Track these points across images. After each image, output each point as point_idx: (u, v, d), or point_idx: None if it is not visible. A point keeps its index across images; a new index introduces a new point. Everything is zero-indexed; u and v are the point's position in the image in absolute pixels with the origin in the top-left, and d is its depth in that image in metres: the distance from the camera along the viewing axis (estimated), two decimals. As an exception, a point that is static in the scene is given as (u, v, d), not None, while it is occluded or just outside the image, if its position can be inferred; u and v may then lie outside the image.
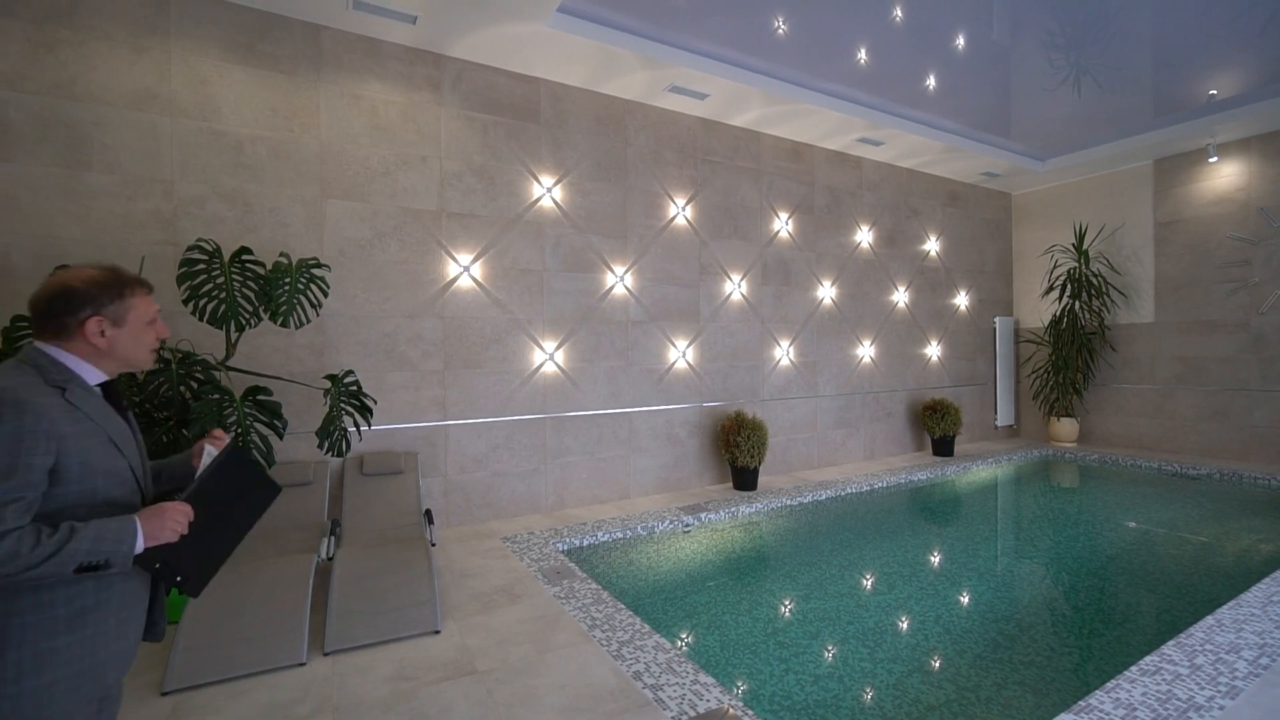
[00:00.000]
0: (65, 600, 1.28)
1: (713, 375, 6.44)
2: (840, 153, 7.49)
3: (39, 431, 1.23)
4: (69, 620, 1.28)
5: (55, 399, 1.30)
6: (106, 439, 1.37)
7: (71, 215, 3.75)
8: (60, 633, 1.27)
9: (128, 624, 1.40)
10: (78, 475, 1.29)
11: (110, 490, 1.35)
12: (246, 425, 3.44)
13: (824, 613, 3.75)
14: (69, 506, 1.29)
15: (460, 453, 5.02)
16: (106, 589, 1.34)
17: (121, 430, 1.43)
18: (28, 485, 1.21)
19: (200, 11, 4.07)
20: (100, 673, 1.34)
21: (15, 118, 3.61)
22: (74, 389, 1.35)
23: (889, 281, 8.03)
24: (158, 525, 1.32)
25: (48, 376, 1.32)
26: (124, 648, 1.40)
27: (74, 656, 1.28)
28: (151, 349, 1.50)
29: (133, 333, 1.44)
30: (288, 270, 3.74)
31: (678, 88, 5.64)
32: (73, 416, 1.31)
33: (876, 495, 6.45)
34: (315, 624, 3.16)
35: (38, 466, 1.23)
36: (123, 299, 1.42)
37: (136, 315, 1.44)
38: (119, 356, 1.44)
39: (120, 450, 1.39)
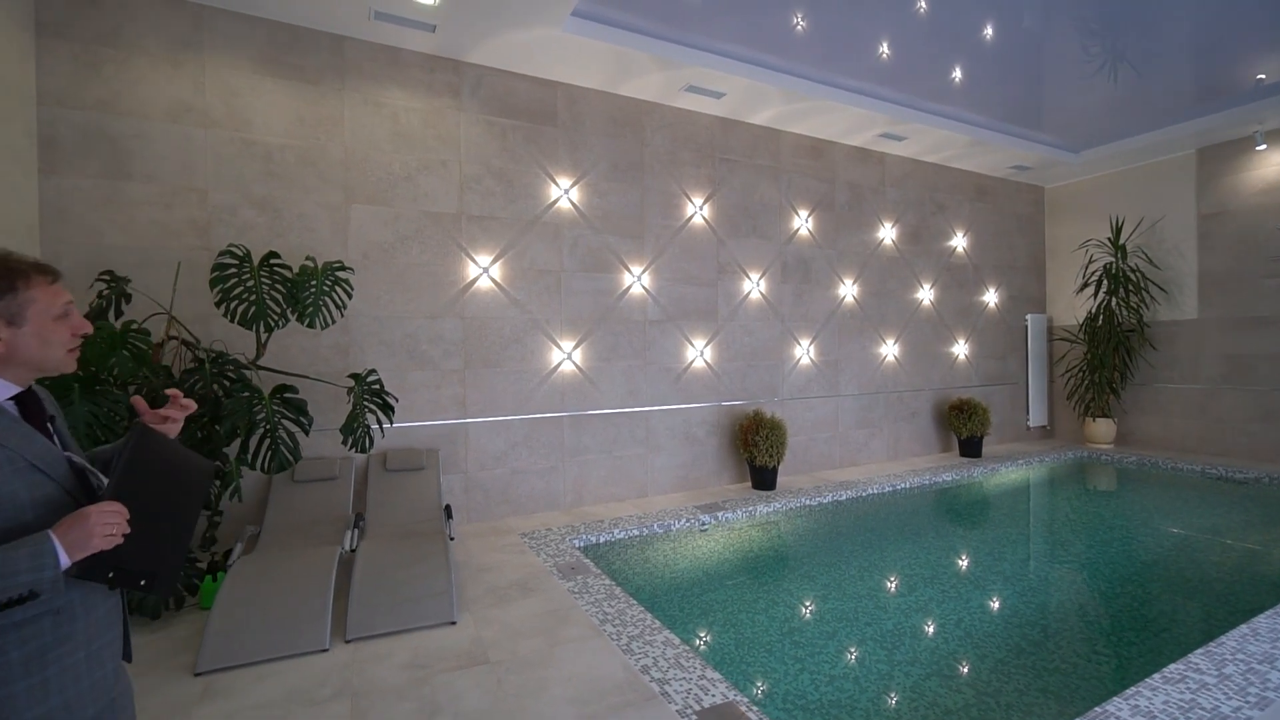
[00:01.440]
0: (18, 643, 1.12)
1: (731, 374, 6.43)
2: (862, 149, 7.39)
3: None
4: (25, 663, 1.12)
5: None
6: (26, 464, 1.16)
7: (115, 224, 3.97)
8: (17, 678, 1.11)
9: (101, 654, 1.25)
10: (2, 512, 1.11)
11: (46, 520, 1.15)
12: (275, 421, 3.59)
13: (842, 614, 3.72)
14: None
15: (480, 450, 5.13)
16: (67, 623, 1.18)
17: (44, 450, 1.20)
18: None
19: (231, 27, 4.27)
20: (76, 708, 1.19)
21: (64, 133, 3.84)
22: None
23: (913, 279, 7.89)
24: (82, 534, 1.11)
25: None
26: (100, 678, 1.25)
27: (35, 700, 1.13)
28: (68, 348, 1.27)
29: (36, 330, 1.20)
30: (314, 273, 3.89)
31: (694, 87, 5.65)
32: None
33: (899, 496, 6.35)
34: (338, 612, 3.28)
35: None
36: (14, 292, 1.19)
37: (38, 310, 1.21)
38: (25, 361, 1.21)
39: (47, 474, 1.19)
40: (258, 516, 4.17)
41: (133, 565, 1.21)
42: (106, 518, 1.14)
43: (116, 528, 1.15)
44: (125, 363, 3.19)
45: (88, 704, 1.22)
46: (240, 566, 3.40)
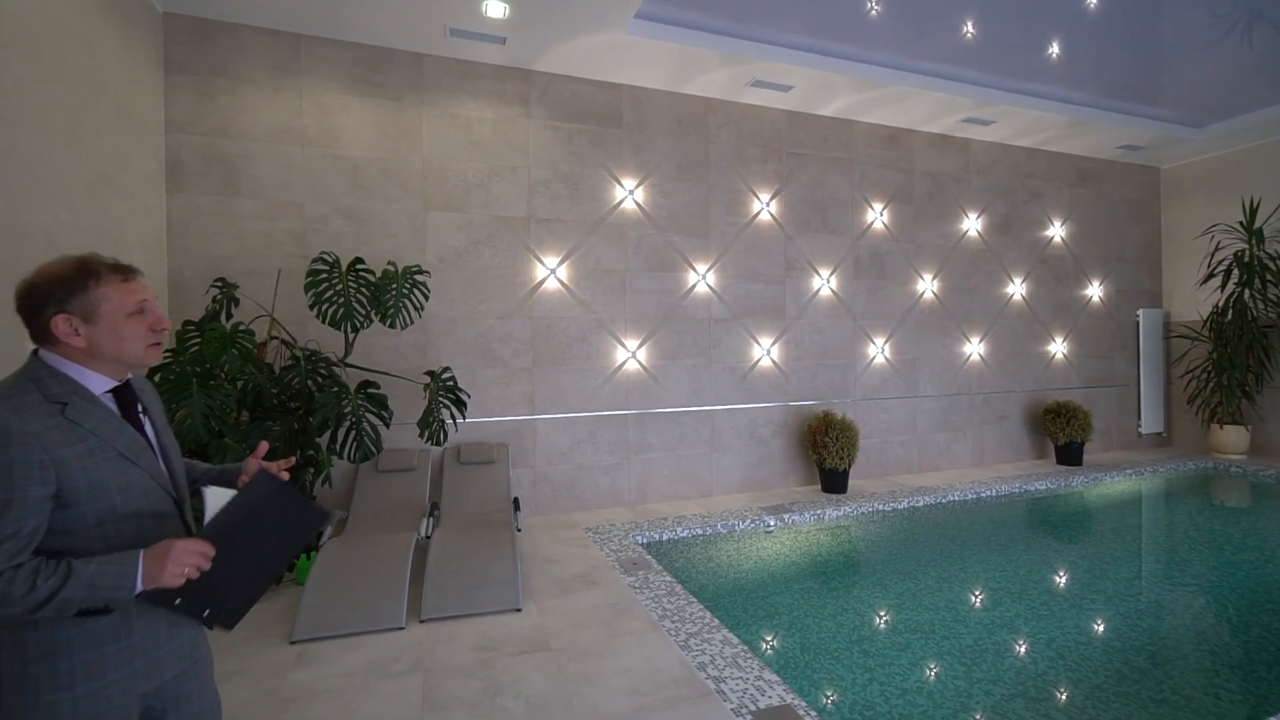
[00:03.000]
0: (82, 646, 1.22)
1: (799, 374, 6.25)
2: (943, 135, 6.98)
3: (31, 461, 1.13)
4: (114, 628, 1.24)
5: (53, 420, 1.18)
6: (115, 454, 1.24)
7: (227, 236, 4.43)
8: (108, 641, 1.23)
9: (181, 623, 1.36)
10: (88, 495, 1.20)
11: (131, 504, 1.25)
12: (360, 414, 3.87)
13: (917, 625, 3.53)
14: (90, 526, 1.21)
15: (547, 446, 5.28)
16: (129, 618, 1.27)
17: (133, 441, 1.29)
18: (24, 519, 1.12)
19: (324, 52, 4.65)
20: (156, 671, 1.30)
21: (186, 157, 4.33)
22: (75, 403, 1.22)
23: (1002, 272, 7.35)
24: (158, 569, 1.17)
25: (48, 391, 1.21)
26: (178, 646, 1.35)
27: (122, 660, 1.24)
28: (147, 343, 1.30)
29: (110, 326, 1.25)
30: (395, 277, 4.17)
31: (760, 82, 5.56)
32: (73, 436, 1.20)
33: (984, 504, 5.93)
34: (413, 594, 3.48)
35: (34, 498, 1.13)
36: (87, 290, 1.23)
37: (110, 307, 1.25)
38: (106, 356, 1.26)
39: (134, 462, 1.27)
40: (346, 502, 4.50)
41: (202, 600, 1.27)
42: (186, 556, 1.19)
43: (190, 568, 1.20)
44: (234, 360, 3.55)
45: (166, 668, 1.32)
46: (330, 548, 3.68)
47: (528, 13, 4.35)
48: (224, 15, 4.35)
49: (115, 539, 1.24)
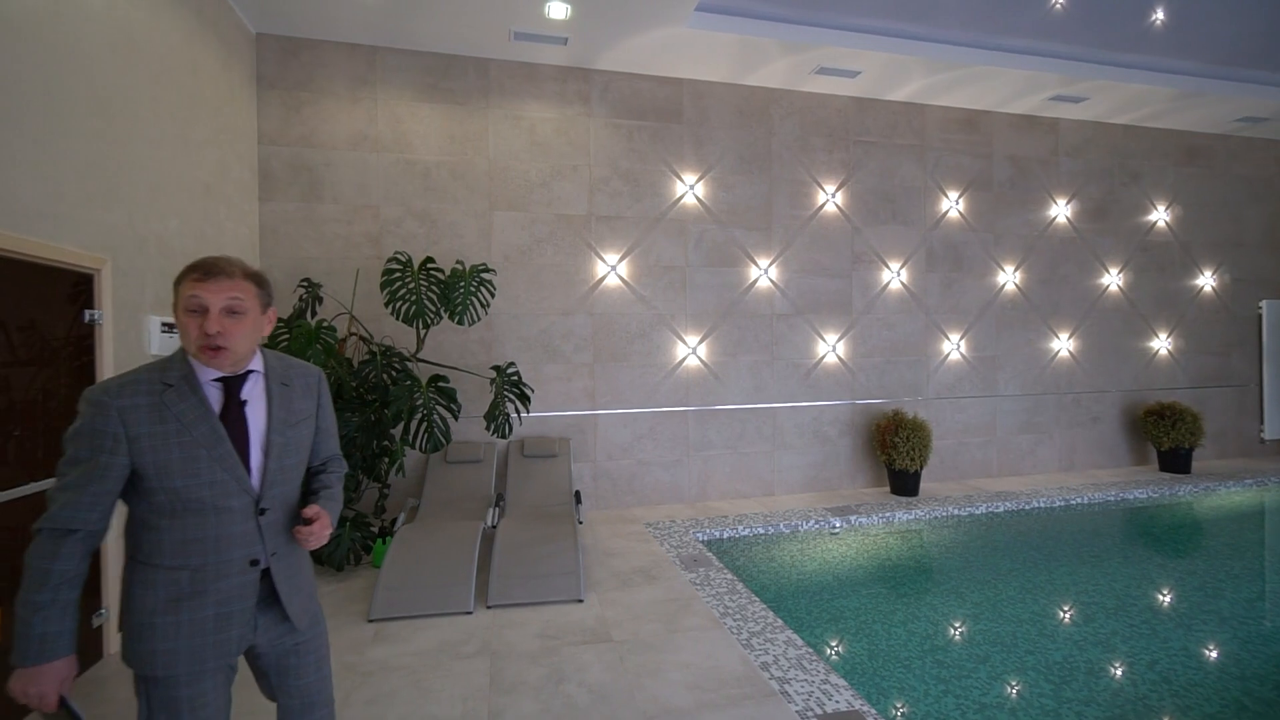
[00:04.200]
0: (167, 583, 1.32)
1: (867, 371, 6.01)
2: (1028, 116, 6.51)
3: (106, 430, 1.26)
4: (168, 602, 1.32)
5: (150, 399, 1.30)
6: (189, 440, 1.31)
7: (311, 239, 4.73)
8: (160, 611, 1.32)
9: (230, 618, 1.37)
10: (154, 473, 1.29)
11: (192, 491, 1.31)
12: (430, 407, 4.04)
13: (996, 637, 3.31)
14: (160, 504, 1.32)
15: (608, 441, 5.33)
16: (201, 582, 1.34)
17: (210, 432, 1.34)
18: (92, 478, 1.26)
19: (397, 62, 4.88)
20: (198, 657, 1.34)
21: (275, 167, 4.66)
22: (178, 387, 1.33)
23: (1095, 262, 6.78)
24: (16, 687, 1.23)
25: (166, 375, 1.34)
26: (223, 639, 1.37)
27: (168, 635, 1.32)
28: (197, 343, 1.33)
29: (179, 321, 1.34)
30: (462, 275, 4.32)
31: (825, 69, 5.38)
32: (158, 416, 1.30)
33: (1075, 513, 5.49)
34: (480, 581, 3.60)
35: (102, 463, 1.26)
36: (177, 287, 1.35)
37: (180, 303, 1.34)
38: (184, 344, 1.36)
39: (206, 451, 1.33)
40: (417, 491, 4.71)
41: None
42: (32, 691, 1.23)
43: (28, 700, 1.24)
44: (318, 355, 3.78)
45: (208, 657, 1.35)
46: (404, 533, 3.86)
47: (589, 11, 4.40)
48: (308, 33, 4.65)
49: (183, 519, 1.32)
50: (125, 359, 3.06)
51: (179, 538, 1.33)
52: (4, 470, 2.38)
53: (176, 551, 1.33)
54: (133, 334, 3.14)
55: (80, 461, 1.26)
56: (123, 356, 3.04)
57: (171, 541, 1.32)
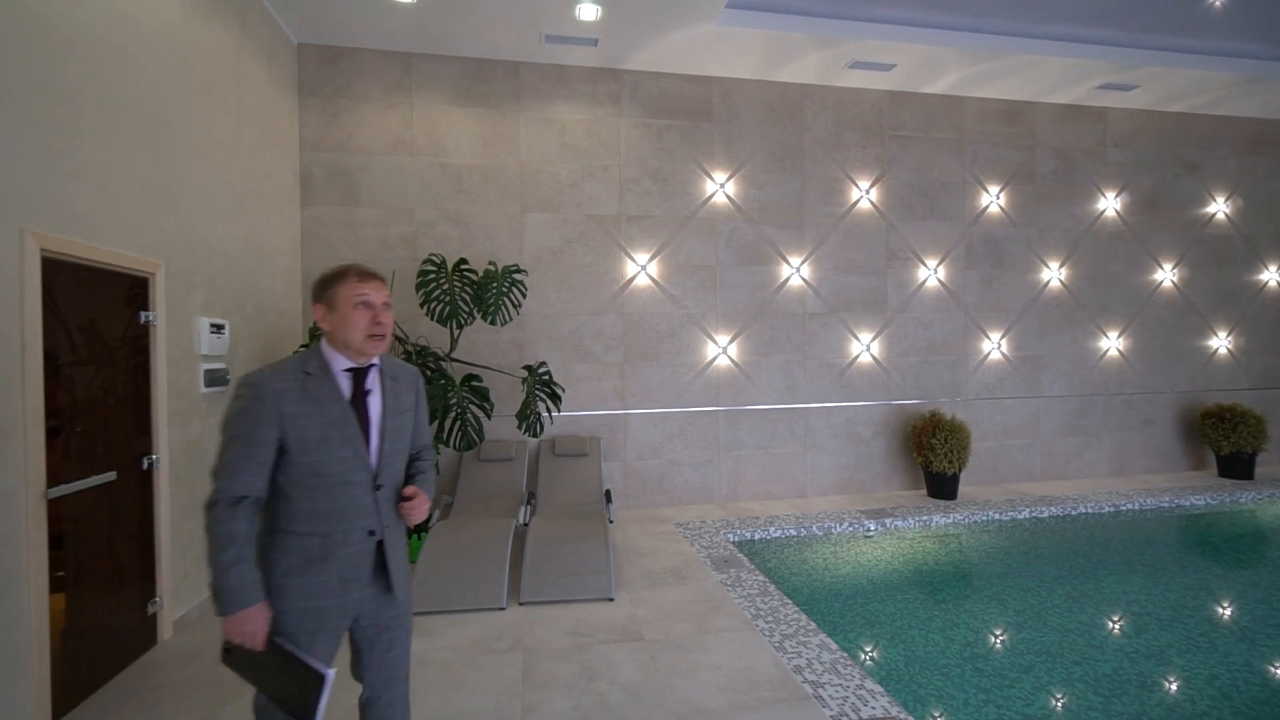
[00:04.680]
0: (297, 548, 1.51)
1: (903, 370, 5.87)
2: (1074, 106, 6.27)
3: (264, 409, 1.46)
4: (299, 565, 1.51)
5: (296, 384, 1.51)
6: (325, 421, 1.51)
7: (349, 242, 4.87)
8: (293, 572, 1.51)
9: (349, 583, 1.55)
10: (297, 448, 1.49)
11: (327, 465, 1.51)
12: (464, 405, 4.11)
13: (1041, 646, 3.19)
14: (300, 475, 1.50)
15: (638, 440, 5.33)
16: (328, 548, 1.53)
17: (341, 415, 1.54)
18: (255, 450, 1.46)
19: (432, 67, 4.98)
20: (325, 617, 1.52)
21: (316, 172, 4.81)
22: (316, 375, 1.54)
23: (1147, 257, 6.48)
24: (232, 630, 1.44)
25: (306, 365, 1.54)
26: (344, 601, 1.54)
27: (300, 595, 1.50)
28: (367, 333, 1.54)
29: (342, 315, 1.53)
30: (495, 276, 4.38)
31: (859, 63, 5.27)
32: (303, 399, 1.50)
33: (1125, 519, 5.26)
34: (512, 577, 3.65)
35: (260, 436, 1.46)
36: (333, 285, 1.55)
37: (343, 299, 1.53)
38: (339, 338, 1.55)
39: (338, 431, 1.53)
40: (451, 488, 4.80)
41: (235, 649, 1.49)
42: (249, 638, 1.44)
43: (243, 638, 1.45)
44: (356, 354, 3.88)
45: (332, 617, 1.54)
46: (438, 529, 3.93)
47: (619, 12, 4.41)
48: (347, 41, 4.78)
49: (312, 488, 1.51)
50: (177, 358, 3.20)
51: (311, 507, 1.51)
52: (68, 464, 2.51)
53: (308, 519, 1.51)
54: (184, 334, 3.28)
55: (242, 438, 1.46)
56: (175, 356, 3.18)
57: (305, 511, 1.51)
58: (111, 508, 2.75)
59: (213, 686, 2.64)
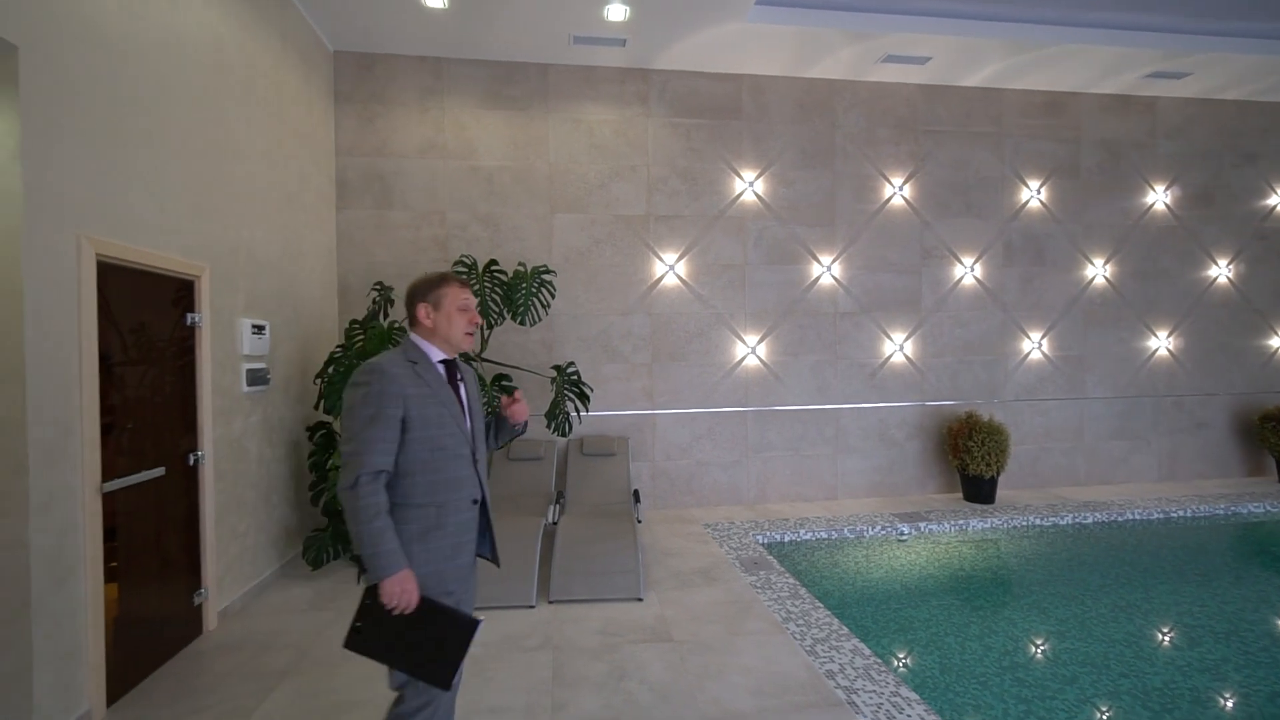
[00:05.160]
0: (417, 519, 1.68)
1: (938, 371, 5.72)
2: (1121, 96, 6.02)
3: (392, 391, 1.63)
4: (419, 534, 1.67)
5: (408, 370, 1.70)
6: (438, 401, 1.72)
7: (382, 244, 4.97)
8: (414, 541, 1.66)
9: (461, 548, 1.74)
10: (419, 424, 1.67)
11: (441, 440, 1.71)
12: (495, 405, 4.15)
13: (1085, 657, 3.08)
14: (419, 450, 1.67)
15: (666, 440, 5.32)
16: (441, 516, 1.70)
17: (449, 396, 1.77)
18: (387, 430, 1.62)
19: (462, 71, 5.06)
20: (444, 580, 1.69)
21: (351, 176, 4.93)
22: (422, 364, 1.75)
23: (1200, 253, 6.18)
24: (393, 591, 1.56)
25: (407, 355, 1.75)
26: (459, 565, 1.73)
27: (422, 561, 1.66)
28: (465, 331, 1.82)
29: (446, 315, 1.78)
30: (524, 277, 4.42)
31: (893, 56, 5.16)
32: (417, 382, 1.70)
33: (1176, 526, 5.03)
34: (541, 576, 3.67)
35: (389, 415, 1.63)
36: (439, 288, 1.79)
37: (449, 301, 1.79)
38: (441, 335, 1.79)
39: (448, 410, 1.74)
40: (482, 487, 4.85)
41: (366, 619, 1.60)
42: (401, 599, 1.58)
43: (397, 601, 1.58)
44: (390, 354, 3.96)
45: (449, 580, 1.72)
46: (468, 527, 3.98)
47: (647, 11, 4.40)
48: (381, 48, 4.89)
49: (430, 463, 1.69)
50: (220, 358, 3.31)
51: (429, 480, 1.69)
52: (120, 459, 2.62)
53: (426, 491, 1.69)
54: (227, 335, 3.40)
55: (376, 419, 1.62)
56: (218, 356, 3.29)
57: (424, 483, 1.69)
58: (160, 502, 2.87)
59: (256, 676, 2.73)
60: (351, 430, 1.62)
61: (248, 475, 3.58)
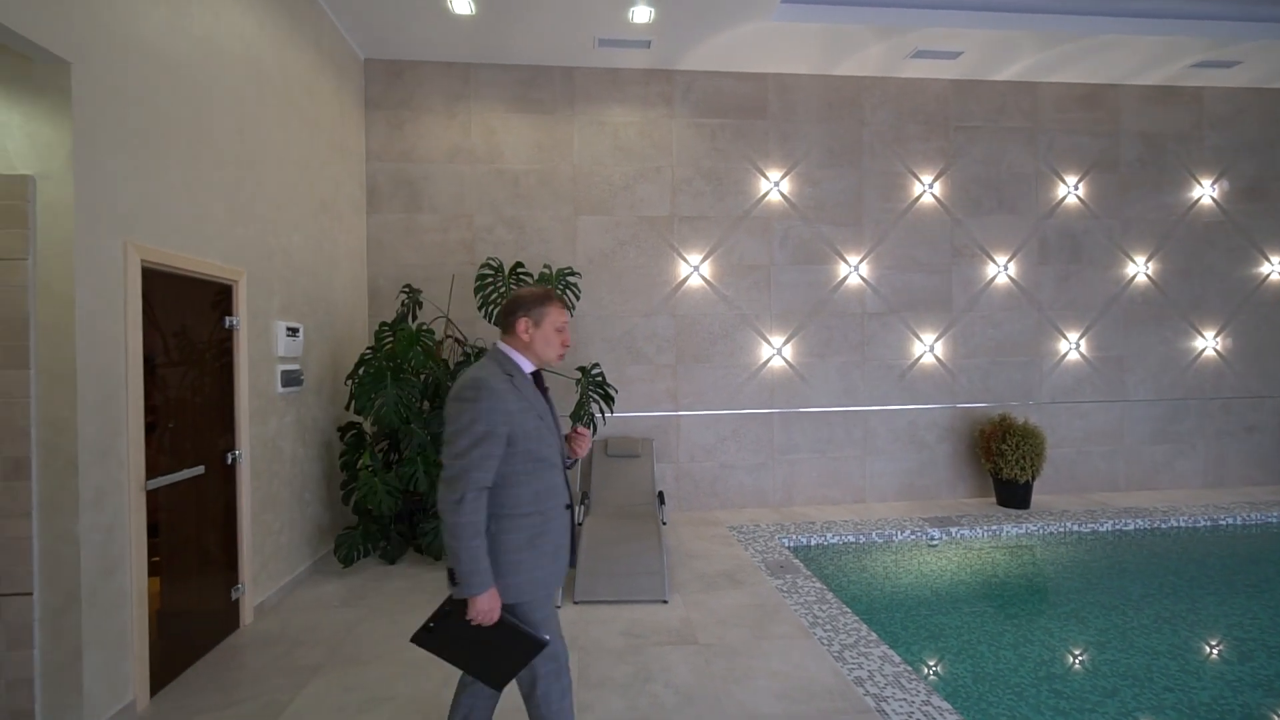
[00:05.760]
0: (526, 529, 1.72)
1: (969, 372, 5.59)
2: (1164, 87, 5.80)
3: (498, 408, 1.65)
4: (526, 541, 1.72)
5: (507, 384, 1.72)
6: (535, 413, 1.75)
7: (411, 247, 5.06)
8: (522, 548, 1.71)
9: (559, 554, 1.81)
10: (521, 437, 1.69)
11: (540, 451, 1.74)
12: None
13: (1127, 669, 2.97)
14: (520, 461, 1.71)
15: (690, 442, 5.30)
16: (545, 524, 1.75)
17: (543, 406, 1.82)
18: (495, 446, 1.65)
19: (489, 76, 5.12)
20: (545, 584, 1.75)
21: (380, 181, 5.03)
22: (517, 376, 1.77)
23: (1250, 249, 5.92)
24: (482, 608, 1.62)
25: (502, 367, 1.76)
26: (556, 569, 1.80)
27: (528, 567, 1.71)
28: (558, 352, 1.86)
29: (545, 335, 1.81)
30: (550, 279, 4.45)
31: (923, 51, 5.06)
32: (516, 396, 1.72)
33: (1225, 534, 4.82)
34: (567, 576, 3.67)
35: (498, 433, 1.65)
36: (542, 306, 1.81)
37: (549, 321, 1.81)
38: (536, 351, 1.81)
39: (543, 421, 1.79)
40: (508, 487, 4.90)
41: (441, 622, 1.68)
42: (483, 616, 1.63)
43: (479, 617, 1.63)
44: (419, 357, 4.03)
45: (552, 583, 1.79)
46: (494, 527, 4.03)
47: (672, 12, 4.40)
48: (410, 55, 4.98)
49: (531, 473, 1.73)
50: (257, 360, 3.41)
51: (532, 489, 1.73)
52: (163, 458, 2.72)
53: (530, 500, 1.73)
54: (263, 338, 3.49)
55: (485, 437, 1.64)
56: (254, 358, 3.39)
57: (529, 494, 1.73)
58: (199, 499, 2.96)
59: (291, 670, 2.80)
60: (460, 447, 1.64)
61: (282, 474, 3.67)
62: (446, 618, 1.67)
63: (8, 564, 2.18)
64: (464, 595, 1.62)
